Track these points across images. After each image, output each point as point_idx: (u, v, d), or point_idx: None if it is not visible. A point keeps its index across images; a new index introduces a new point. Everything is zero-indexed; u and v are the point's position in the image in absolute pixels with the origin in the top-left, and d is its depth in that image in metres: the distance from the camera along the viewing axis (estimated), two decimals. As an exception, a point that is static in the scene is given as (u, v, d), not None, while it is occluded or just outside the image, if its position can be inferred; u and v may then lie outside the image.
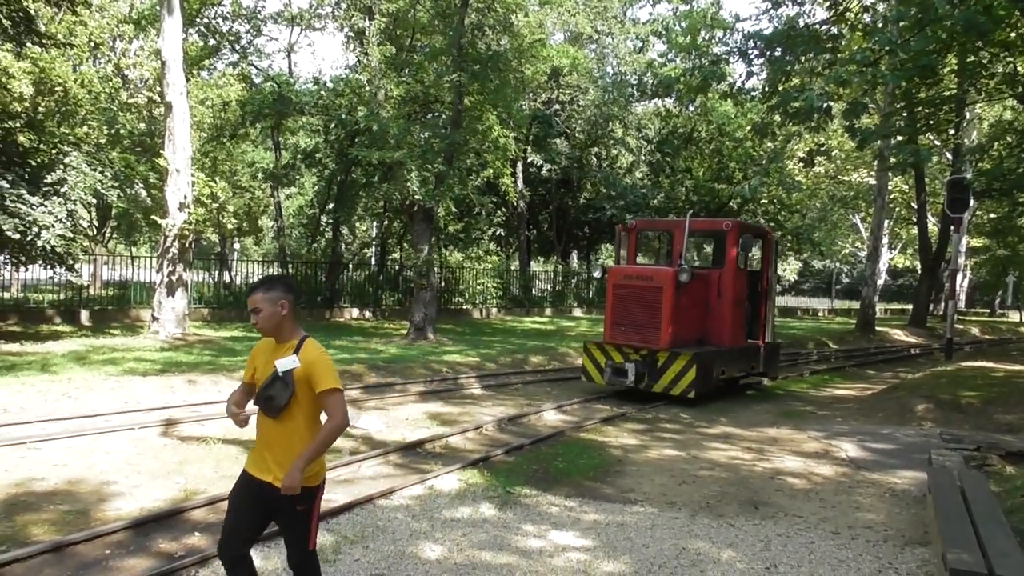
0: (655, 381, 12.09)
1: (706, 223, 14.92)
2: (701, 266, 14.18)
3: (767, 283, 14.04)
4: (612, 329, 12.68)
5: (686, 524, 6.49)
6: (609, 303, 12.78)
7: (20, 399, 10.00)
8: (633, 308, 12.38)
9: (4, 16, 17.16)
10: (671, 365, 11.98)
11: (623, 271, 12.88)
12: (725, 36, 20.19)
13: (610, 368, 12.37)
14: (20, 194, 14.56)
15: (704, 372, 11.94)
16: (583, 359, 13.17)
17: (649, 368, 12.14)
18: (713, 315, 13.07)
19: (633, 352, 12.31)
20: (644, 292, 12.25)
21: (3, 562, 5.00)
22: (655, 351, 12.11)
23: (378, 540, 5.81)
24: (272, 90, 26.15)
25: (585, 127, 32.42)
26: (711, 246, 14.77)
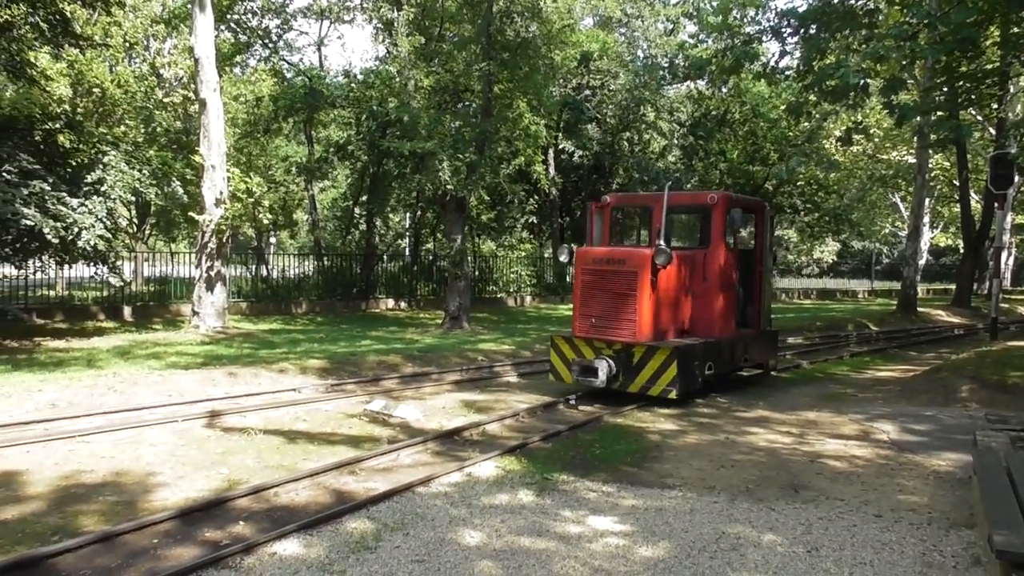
0: (631, 380, 10.60)
1: (688, 197, 13.49)
2: (685, 246, 12.62)
3: (761, 263, 12.68)
4: (581, 321, 11.10)
5: (725, 508, 6.45)
6: (577, 291, 11.24)
7: (68, 394, 10.26)
8: (604, 296, 10.84)
9: (41, 19, 17.50)
10: (648, 361, 10.45)
11: (591, 253, 11.23)
12: (757, 15, 19.91)
13: (578, 366, 10.82)
14: (61, 196, 14.87)
15: (687, 368, 10.44)
16: (551, 355, 11.57)
17: (624, 365, 10.64)
18: (698, 302, 11.55)
19: (606, 347, 10.81)
20: (616, 277, 10.72)
21: (55, 552, 5.14)
22: (630, 345, 10.59)
23: (418, 527, 5.87)
24: (303, 84, 26.39)
25: (616, 112, 32.19)
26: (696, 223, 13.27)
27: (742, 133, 36.26)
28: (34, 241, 15.35)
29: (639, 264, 10.54)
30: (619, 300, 10.68)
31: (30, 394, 10.10)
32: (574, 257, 11.39)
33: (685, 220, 13.69)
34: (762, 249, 12.64)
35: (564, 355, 11.29)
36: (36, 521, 5.91)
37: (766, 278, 12.76)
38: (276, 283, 27.44)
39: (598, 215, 12.64)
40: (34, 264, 17.66)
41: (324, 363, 13.20)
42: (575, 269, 11.31)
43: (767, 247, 12.65)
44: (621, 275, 10.67)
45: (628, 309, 10.59)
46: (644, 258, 10.53)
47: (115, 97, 28.59)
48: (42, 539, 5.52)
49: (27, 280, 19.92)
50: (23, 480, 6.89)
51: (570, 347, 11.24)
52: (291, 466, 7.55)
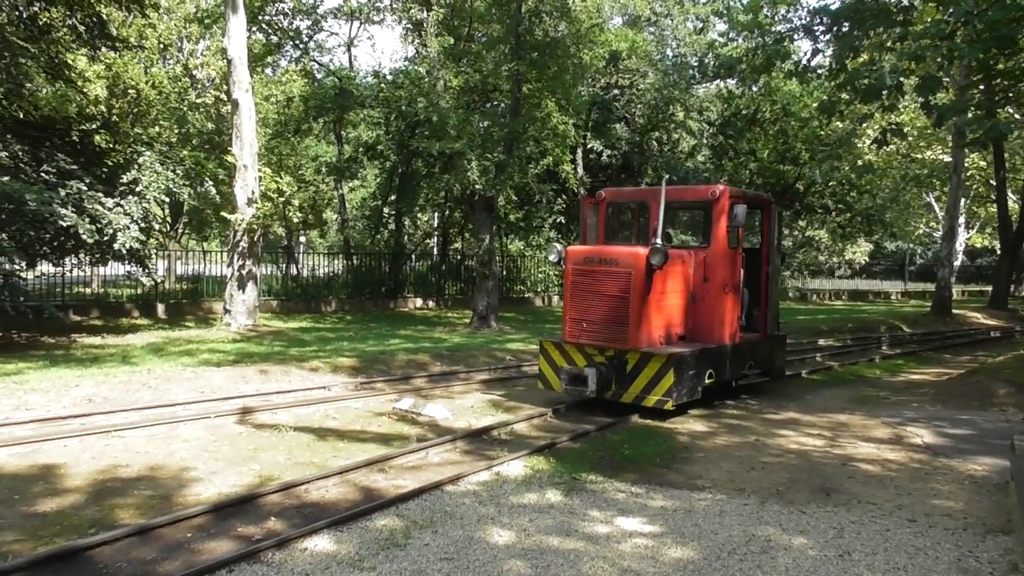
0: (624, 389, 9.78)
1: (688, 191, 12.30)
2: (684, 244, 11.62)
3: (768, 263, 11.78)
4: (572, 325, 10.28)
5: (755, 511, 6.41)
6: (567, 293, 10.42)
7: (104, 389, 10.45)
8: (595, 299, 10.04)
9: (79, 21, 17.84)
10: (643, 369, 9.65)
11: (582, 253, 10.40)
12: (789, 12, 19.73)
13: (566, 374, 10.00)
14: (97, 196, 15.13)
15: (685, 376, 9.67)
16: (540, 361, 10.80)
17: (617, 373, 9.84)
18: (698, 305, 10.71)
19: (597, 354, 10.03)
20: (608, 278, 9.91)
21: (93, 544, 5.25)
22: (623, 352, 9.79)
23: (447, 525, 5.90)
24: (334, 85, 26.61)
25: (645, 111, 32.02)
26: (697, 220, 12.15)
27: (772, 132, 35.90)
28: (70, 240, 15.66)
29: (632, 264, 9.71)
30: (611, 303, 9.88)
31: (67, 389, 10.30)
32: (564, 257, 10.63)
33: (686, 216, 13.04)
34: (769, 247, 11.77)
35: (554, 361, 10.52)
36: (74, 513, 6.03)
37: (773, 279, 11.87)
38: (306, 282, 27.71)
39: (593, 211, 11.92)
40: (71, 262, 18.01)
41: (354, 361, 13.30)
42: (565, 269, 10.53)
43: (774, 245, 11.81)
44: (613, 276, 9.87)
45: (620, 313, 9.77)
46: (638, 258, 9.69)
47: (149, 98, 29.05)
48: (80, 531, 5.63)
49: (64, 278, 20.31)
50: (61, 473, 7.03)
51: (560, 353, 10.47)
52: (321, 463, 7.62)
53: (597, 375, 9.74)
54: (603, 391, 9.85)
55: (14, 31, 15.45)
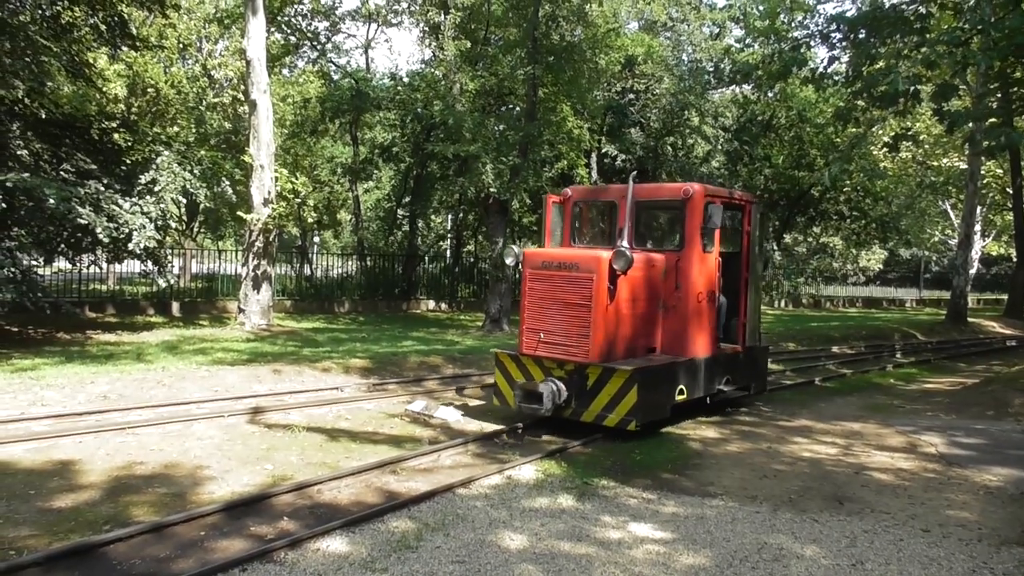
0: (584, 407, 8.96)
1: (660, 189, 11.23)
2: (657, 248, 10.58)
3: (748, 269, 10.79)
4: (528, 336, 9.46)
5: (767, 518, 6.39)
6: (524, 300, 9.56)
7: (119, 386, 10.53)
8: (554, 307, 9.23)
9: (101, 20, 17.99)
10: (605, 385, 8.83)
11: (540, 256, 9.57)
12: (805, 19, 19.66)
13: (520, 390, 9.08)
14: (114, 196, 15.25)
15: (651, 394, 8.85)
16: (495, 375, 9.94)
17: (577, 389, 9.00)
18: (669, 314, 9.81)
19: (556, 367, 9.18)
20: (568, 285, 9.11)
21: (108, 541, 5.30)
22: (584, 366, 8.97)
23: (458, 528, 5.91)
24: (350, 86, 26.72)
25: (660, 116, 31.97)
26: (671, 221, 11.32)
27: (788, 138, 35.81)
28: (87, 238, 15.79)
29: (594, 269, 8.92)
30: (571, 312, 9.08)
31: (83, 386, 10.39)
32: (521, 260, 9.81)
33: (659, 218, 12.05)
34: (749, 251, 10.76)
35: (510, 375, 9.63)
36: (89, 510, 6.08)
37: (754, 286, 10.88)
38: (319, 282, 27.83)
39: (558, 211, 11.03)
40: (87, 260, 18.15)
41: (367, 363, 13.35)
42: (522, 274, 9.68)
43: (756, 249, 10.82)
44: (573, 282, 9.07)
45: (581, 322, 8.97)
46: (600, 262, 8.90)
47: (168, 97, 29.32)
48: (95, 528, 5.68)
49: (80, 275, 20.47)
50: (76, 469, 7.09)
51: (516, 366, 9.59)
52: (334, 464, 7.66)
53: (553, 392, 8.91)
54: (561, 409, 9.01)
55: (37, 30, 15.59)
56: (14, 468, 7.05)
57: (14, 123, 16.28)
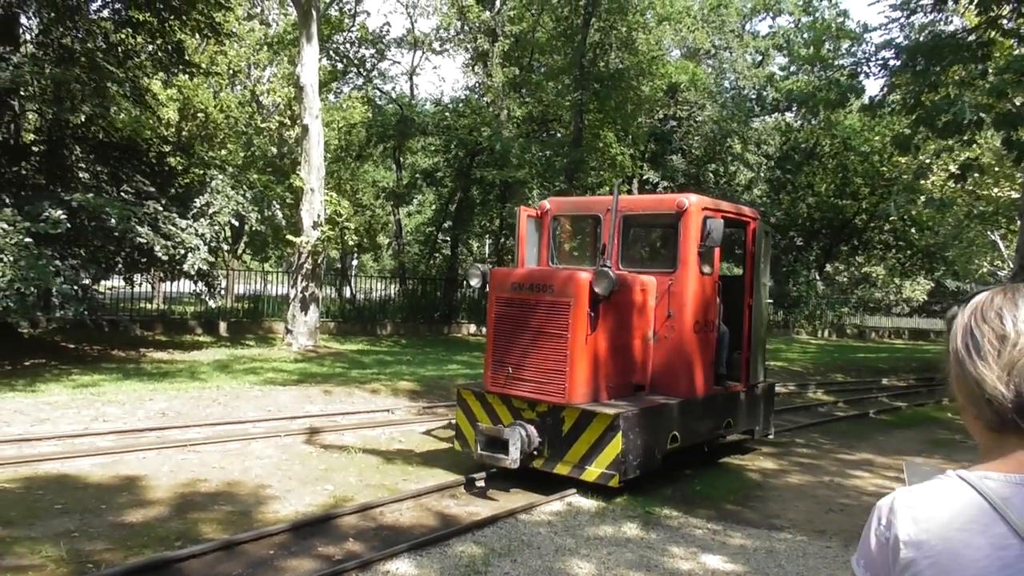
0: (559, 457, 7.55)
1: (651, 202, 10.02)
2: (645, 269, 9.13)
3: (751, 294, 9.39)
4: (495, 370, 7.99)
5: (840, 554, 6.24)
6: (490, 327, 8.22)
7: (176, 404, 10.68)
8: (525, 336, 7.81)
9: (159, 47, 18.50)
10: (583, 431, 7.43)
11: (509, 277, 8.15)
12: (852, 47, 19.57)
13: (483, 435, 7.60)
14: (171, 216, 15.59)
15: (638, 442, 7.45)
16: (457, 415, 8.52)
17: (551, 434, 7.61)
18: (661, 346, 8.48)
19: (527, 408, 7.80)
20: (541, 311, 7.72)
21: (182, 557, 5.34)
22: (559, 407, 7.56)
23: (525, 554, 5.86)
24: (395, 112, 27.10)
25: (702, 143, 31.97)
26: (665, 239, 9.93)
27: (831, 166, 35.50)
28: (143, 257, 16.12)
29: (572, 292, 7.54)
30: (544, 342, 7.67)
31: (142, 403, 10.56)
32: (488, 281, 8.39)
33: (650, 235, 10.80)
34: (754, 275, 9.37)
35: (474, 416, 8.20)
36: (159, 525, 6.14)
37: (758, 314, 9.43)
38: (361, 304, 28.04)
39: (534, 226, 9.61)
40: (139, 278, 18.52)
41: (414, 385, 13.39)
42: (488, 298, 8.35)
43: (760, 272, 9.40)
44: (547, 307, 7.69)
45: (556, 355, 7.57)
46: (578, 284, 7.54)
47: (217, 122, 29.96)
48: (167, 543, 5.73)
49: (132, 293, 20.88)
50: (143, 485, 7.18)
51: (481, 406, 8.17)
52: (392, 486, 7.66)
53: (522, 438, 7.43)
54: (532, 458, 7.61)
55: (103, 57, 16.07)
56: (84, 482, 7.17)
57: (77, 147, 16.77)
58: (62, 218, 13.09)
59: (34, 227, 12.58)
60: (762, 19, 37.58)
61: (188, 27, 18.46)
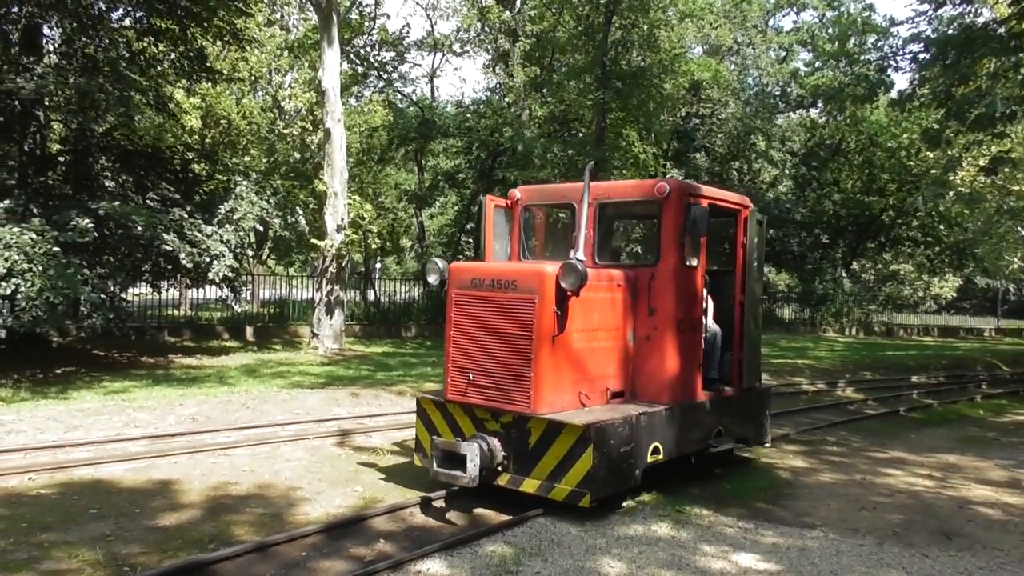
0: (526, 472, 6.78)
1: (626, 187, 8.65)
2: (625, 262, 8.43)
3: (743, 290, 8.55)
4: (455, 376, 7.27)
5: (873, 552, 6.16)
6: (449, 329, 7.38)
7: (206, 409, 10.77)
8: (486, 338, 7.06)
9: (181, 55, 18.70)
10: (551, 445, 6.66)
11: (469, 272, 7.34)
12: (879, 41, 19.32)
13: (439, 450, 6.89)
14: (197, 223, 15.73)
15: (612, 456, 6.67)
16: (416, 424, 7.76)
17: (516, 448, 6.85)
18: (642, 347, 7.65)
19: (491, 419, 7.03)
20: (504, 309, 6.95)
21: (217, 559, 5.38)
22: (524, 417, 6.79)
23: (555, 554, 5.84)
24: (416, 114, 27.19)
25: (725, 141, 31.75)
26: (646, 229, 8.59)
27: (858, 162, 35.10)
28: (169, 264, 16.30)
29: (536, 288, 6.76)
30: (507, 345, 6.91)
31: (172, 408, 10.66)
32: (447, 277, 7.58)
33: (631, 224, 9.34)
34: (745, 269, 8.51)
35: (434, 426, 7.48)
36: (193, 528, 6.19)
37: (751, 311, 8.59)
38: (385, 307, 28.14)
39: (503, 217, 8.79)
40: (168, 285, 18.73)
41: (440, 387, 13.37)
42: (447, 296, 7.51)
43: (753, 266, 8.54)
44: (510, 306, 6.91)
45: (520, 360, 6.81)
46: (544, 279, 6.75)
47: (240, 128, 30.24)
48: (200, 546, 5.77)
49: (159, 300, 21.12)
50: (176, 489, 7.25)
51: (441, 416, 7.45)
52: (421, 487, 7.66)
53: (482, 453, 6.74)
54: (496, 474, 6.89)
55: (126, 66, 16.27)
56: (117, 487, 7.25)
57: (102, 155, 16.99)
58: (89, 227, 13.25)
59: (62, 236, 12.74)
60: (786, 14, 37.32)
61: (209, 34, 18.64)
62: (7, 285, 11.77)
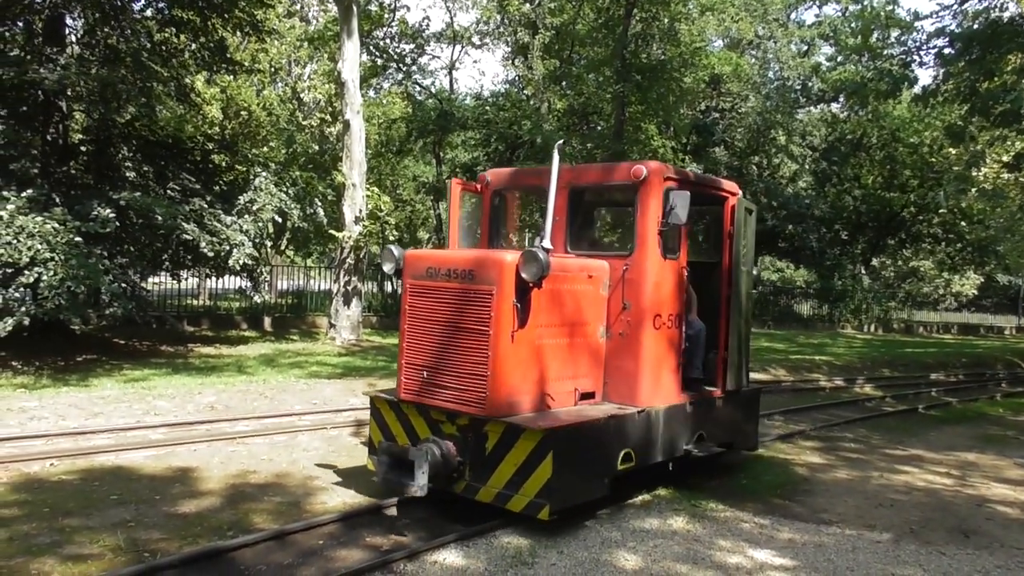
0: (483, 480, 6.21)
1: (601, 171, 7.97)
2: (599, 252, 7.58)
3: (730, 284, 7.97)
4: (408, 373, 6.75)
5: (890, 549, 6.13)
6: (403, 322, 6.90)
7: (224, 397, 10.88)
8: (440, 332, 6.52)
9: (202, 46, 18.80)
10: (509, 450, 6.09)
11: (424, 260, 6.80)
12: (902, 36, 19.11)
13: (386, 455, 6.27)
14: (217, 213, 15.83)
15: (574, 465, 6.13)
16: (370, 425, 7.20)
17: (473, 453, 6.29)
18: (614, 345, 7.06)
19: (446, 421, 6.47)
20: (459, 301, 6.40)
21: (235, 546, 5.45)
22: (480, 420, 6.24)
23: (571, 546, 5.86)
24: (435, 107, 27.20)
25: (745, 135, 31.54)
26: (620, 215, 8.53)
27: (879, 158, 34.77)
28: (189, 254, 16.43)
29: (494, 278, 6.18)
30: (463, 341, 6.35)
31: (191, 396, 10.78)
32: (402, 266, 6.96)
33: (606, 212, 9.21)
34: (732, 261, 7.94)
35: (387, 428, 6.94)
36: (212, 515, 6.27)
37: (737, 307, 7.98)
38: (402, 299, 28.16)
39: (471, 203, 8.28)
40: (187, 275, 18.90)
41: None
42: (402, 286, 7.01)
43: (739, 257, 7.94)
44: (465, 297, 6.35)
45: (476, 357, 6.25)
46: (503, 268, 6.16)
47: (260, 119, 30.37)
48: (219, 533, 5.85)
49: (179, 290, 21.30)
50: (195, 477, 7.33)
51: (396, 416, 6.88)
52: (438, 478, 7.69)
53: (435, 459, 6.16)
54: (451, 481, 6.34)
55: (148, 56, 16.37)
56: (138, 474, 7.34)
57: (123, 146, 17.12)
58: (111, 217, 13.38)
59: (84, 226, 12.86)
60: (808, 7, 36.93)
61: (230, 25, 18.71)
62: (30, 274, 11.90)
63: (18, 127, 14.54)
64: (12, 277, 12.07)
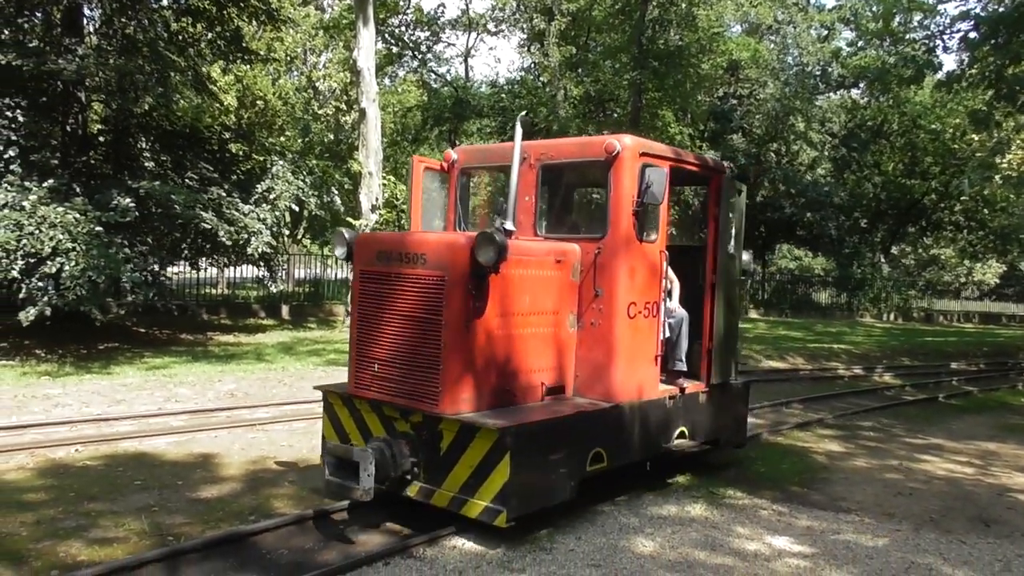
0: (438, 483, 5.72)
1: (572, 147, 7.10)
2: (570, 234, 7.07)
3: (715, 269, 7.31)
4: (359, 365, 6.20)
5: (910, 537, 6.11)
6: (353, 310, 6.40)
7: (244, 385, 10.99)
8: (392, 322, 5.96)
9: (218, 35, 18.87)
10: (464, 451, 5.61)
11: (376, 243, 6.32)
12: (925, 19, 18.86)
13: (331, 455, 5.75)
14: (234, 202, 15.92)
15: (535, 466, 5.64)
16: (323, 421, 6.60)
17: (427, 454, 5.81)
18: (586, 335, 6.53)
19: (400, 418, 5.95)
20: (411, 287, 5.85)
21: (257, 530, 5.51)
22: (435, 419, 5.73)
23: (589, 532, 5.88)
24: (450, 94, 27.18)
25: (764, 122, 31.27)
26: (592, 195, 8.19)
27: (900, 145, 34.39)
28: (208, 243, 16.55)
29: (446, 263, 5.67)
30: (414, 331, 5.83)
31: (211, 383, 10.89)
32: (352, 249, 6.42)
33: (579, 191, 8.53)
34: (718, 245, 7.30)
35: (340, 425, 6.42)
36: (233, 500, 6.34)
37: (723, 294, 7.36)
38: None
39: (436, 182, 7.62)
40: (206, 263, 19.05)
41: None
42: (353, 271, 6.44)
43: (728, 241, 7.35)
44: (416, 283, 5.81)
45: (428, 349, 5.72)
46: (456, 251, 5.67)
47: (276, 108, 30.49)
48: (241, 518, 5.91)
49: (198, 279, 21.47)
50: (216, 463, 7.42)
51: (348, 412, 6.35)
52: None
53: (385, 459, 5.70)
54: (403, 484, 5.85)
55: (165, 46, 16.46)
56: (160, 460, 7.44)
57: (142, 135, 17.25)
58: (130, 206, 13.49)
59: (104, 216, 12.98)
60: (827, -8, 36.51)
61: (246, 14, 18.77)
62: (52, 264, 12.04)
63: (38, 118, 14.68)
64: (35, 267, 12.21)
